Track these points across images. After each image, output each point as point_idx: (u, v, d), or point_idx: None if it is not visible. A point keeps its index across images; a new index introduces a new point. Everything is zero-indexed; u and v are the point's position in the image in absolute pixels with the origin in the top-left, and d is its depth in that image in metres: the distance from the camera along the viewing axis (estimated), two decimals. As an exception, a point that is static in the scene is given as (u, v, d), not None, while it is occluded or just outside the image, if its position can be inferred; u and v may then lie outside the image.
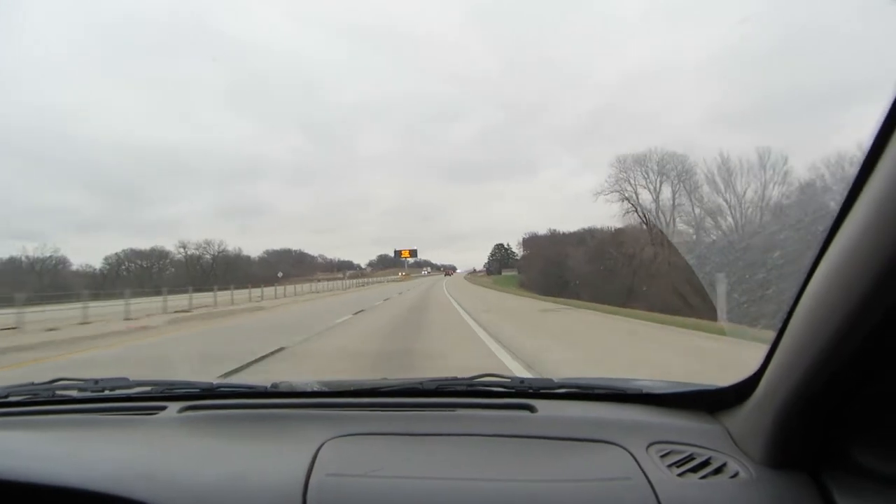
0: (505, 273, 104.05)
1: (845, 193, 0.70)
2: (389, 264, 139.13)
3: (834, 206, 0.72)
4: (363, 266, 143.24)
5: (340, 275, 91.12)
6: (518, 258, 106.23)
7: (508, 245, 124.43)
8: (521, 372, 6.07)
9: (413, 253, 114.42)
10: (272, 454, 1.17)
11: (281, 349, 8.35)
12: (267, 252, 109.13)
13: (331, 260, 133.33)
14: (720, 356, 6.63)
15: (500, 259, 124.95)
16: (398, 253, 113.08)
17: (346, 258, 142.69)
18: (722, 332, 7.91)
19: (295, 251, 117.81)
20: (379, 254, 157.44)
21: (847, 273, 0.69)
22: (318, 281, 54.92)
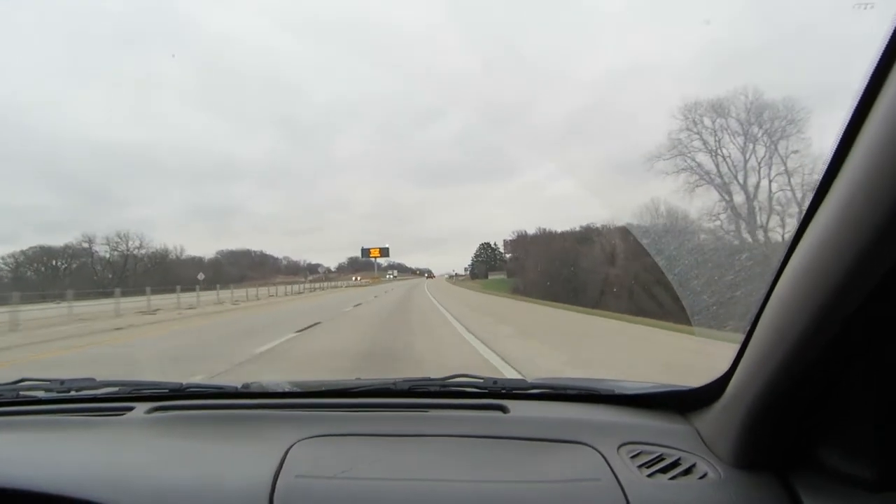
0: (492, 276, 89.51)
1: (811, 196, 0.71)
2: (360, 266, 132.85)
3: (801, 209, 0.73)
4: (332, 269, 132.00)
5: (301, 278, 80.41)
6: (506, 260, 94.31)
7: (496, 245, 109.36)
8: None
9: (384, 252, 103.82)
10: (241, 456, 1.15)
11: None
12: (221, 253, 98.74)
13: (296, 262, 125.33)
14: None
15: (486, 261, 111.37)
16: (366, 252, 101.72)
17: (318, 261, 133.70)
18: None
19: (256, 252, 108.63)
20: (349, 256, 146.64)
21: (812, 276, 0.70)
22: (274, 285, 47.96)
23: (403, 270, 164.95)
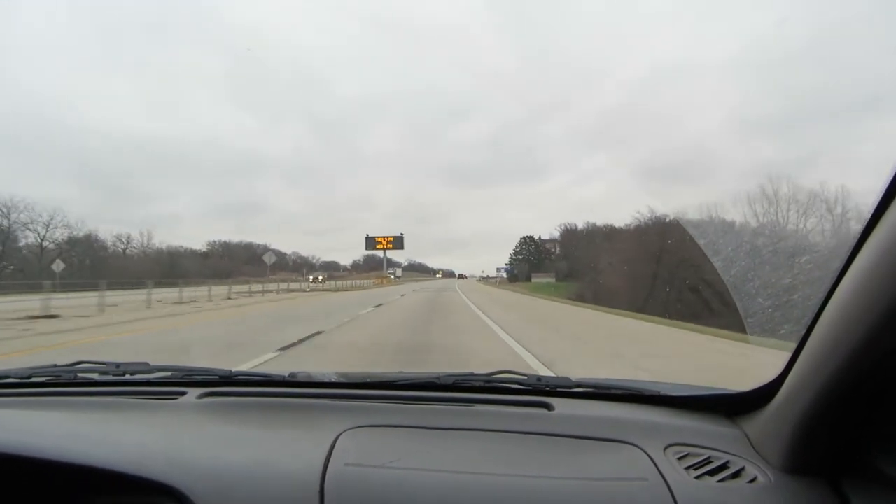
0: (537, 279, 73.38)
1: (878, 200, 0.68)
2: (376, 265, 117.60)
3: (866, 211, 0.71)
4: (348, 266, 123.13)
5: (300, 276, 70.08)
6: (552, 258, 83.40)
7: (541, 239, 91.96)
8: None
9: (397, 243, 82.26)
10: (290, 442, 1.18)
11: None
12: (211, 244, 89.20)
13: (306, 258, 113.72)
14: None
15: (528, 259, 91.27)
16: (373, 242, 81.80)
17: (335, 259, 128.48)
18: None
19: (259, 245, 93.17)
20: (366, 253, 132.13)
21: (876, 280, 0.68)
22: (261, 282, 39.12)
23: (423, 271, 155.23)
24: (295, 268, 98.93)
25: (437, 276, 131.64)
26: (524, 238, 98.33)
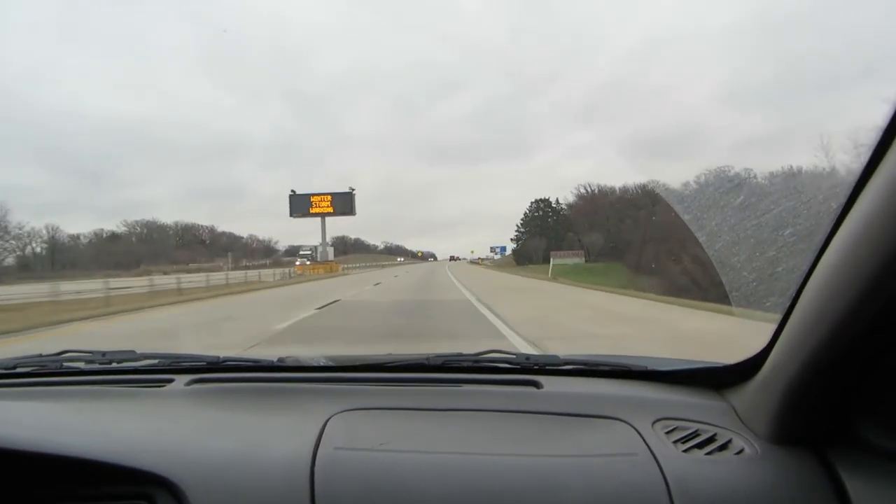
0: (560, 260, 50.37)
1: (860, 170, 0.68)
2: (352, 248, 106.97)
3: (850, 180, 0.71)
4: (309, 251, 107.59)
5: (224, 262, 60.97)
6: (572, 229, 60.23)
7: (559, 204, 66.30)
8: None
9: (342, 204, 56.58)
10: (280, 427, 1.18)
11: None
12: (128, 224, 72.77)
13: (265, 242, 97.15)
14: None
15: (545, 231, 64.09)
16: (302, 202, 57.16)
17: (306, 242, 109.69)
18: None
19: (204, 227, 79.70)
20: (335, 236, 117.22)
21: (859, 250, 0.68)
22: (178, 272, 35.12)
23: (403, 254, 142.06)
24: (248, 252, 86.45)
25: (399, 259, 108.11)
26: (537, 203, 67.88)
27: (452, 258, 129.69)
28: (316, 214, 57.66)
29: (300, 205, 57.64)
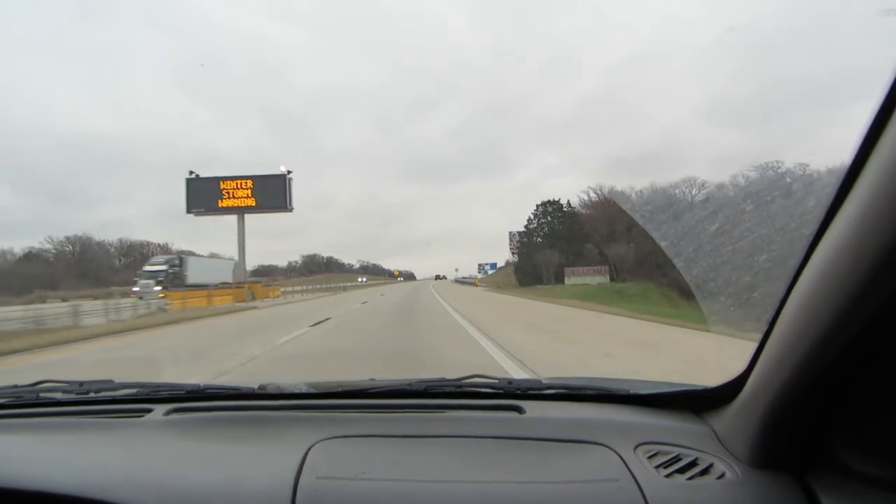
0: (577, 279, 42.53)
1: (833, 194, 0.70)
2: (319, 268, 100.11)
3: (822, 208, 0.73)
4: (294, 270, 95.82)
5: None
6: (599, 238, 46.24)
7: (571, 207, 51.67)
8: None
9: (268, 193, 35.47)
10: (261, 457, 1.16)
11: None
12: (54, 241, 61.23)
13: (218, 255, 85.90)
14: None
15: (556, 241, 48.53)
16: (210, 190, 35.03)
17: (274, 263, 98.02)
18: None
19: (157, 244, 64.39)
20: (304, 254, 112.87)
21: (833, 275, 0.70)
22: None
23: (380, 273, 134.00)
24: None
25: (361, 279, 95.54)
26: (544, 206, 52.26)
27: (438, 277, 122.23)
28: (228, 210, 35.88)
29: (203, 195, 35.72)
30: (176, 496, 0.99)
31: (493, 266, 77.59)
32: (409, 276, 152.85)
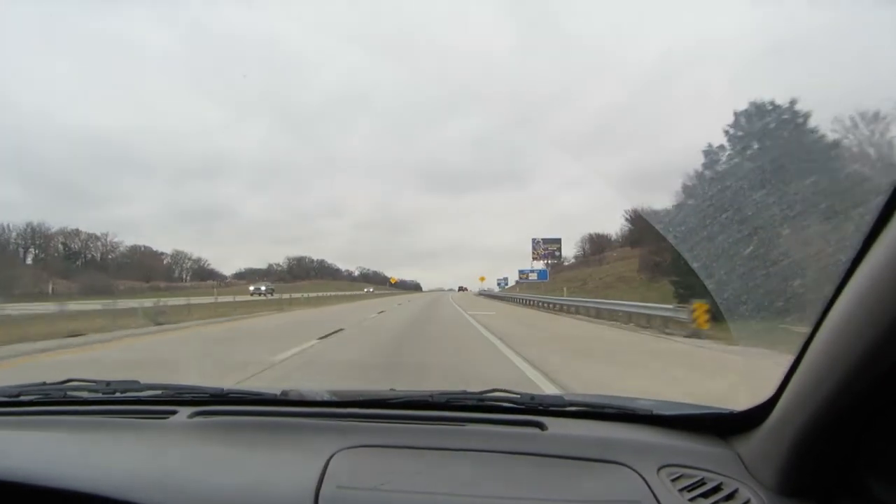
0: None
1: (875, 217, 0.69)
2: (307, 273, 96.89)
3: (860, 235, 0.71)
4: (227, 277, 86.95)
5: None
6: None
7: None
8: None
9: None
10: (283, 464, 1.17)
11: None
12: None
13: (201, 262, 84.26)
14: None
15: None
16: None
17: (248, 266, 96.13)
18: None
19: (143, 248, 64.94)
20: (291, 256, 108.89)
21: (872, 301, 0.68)
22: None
23: (382, 282, 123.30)
24: (201, 276, 74.46)
25: (368, 289, 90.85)
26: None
27: (461, 289, 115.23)
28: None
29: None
30: (199, 499, 1.00)
31: (505, 281, 72.84)
32: (414, 288, 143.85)
